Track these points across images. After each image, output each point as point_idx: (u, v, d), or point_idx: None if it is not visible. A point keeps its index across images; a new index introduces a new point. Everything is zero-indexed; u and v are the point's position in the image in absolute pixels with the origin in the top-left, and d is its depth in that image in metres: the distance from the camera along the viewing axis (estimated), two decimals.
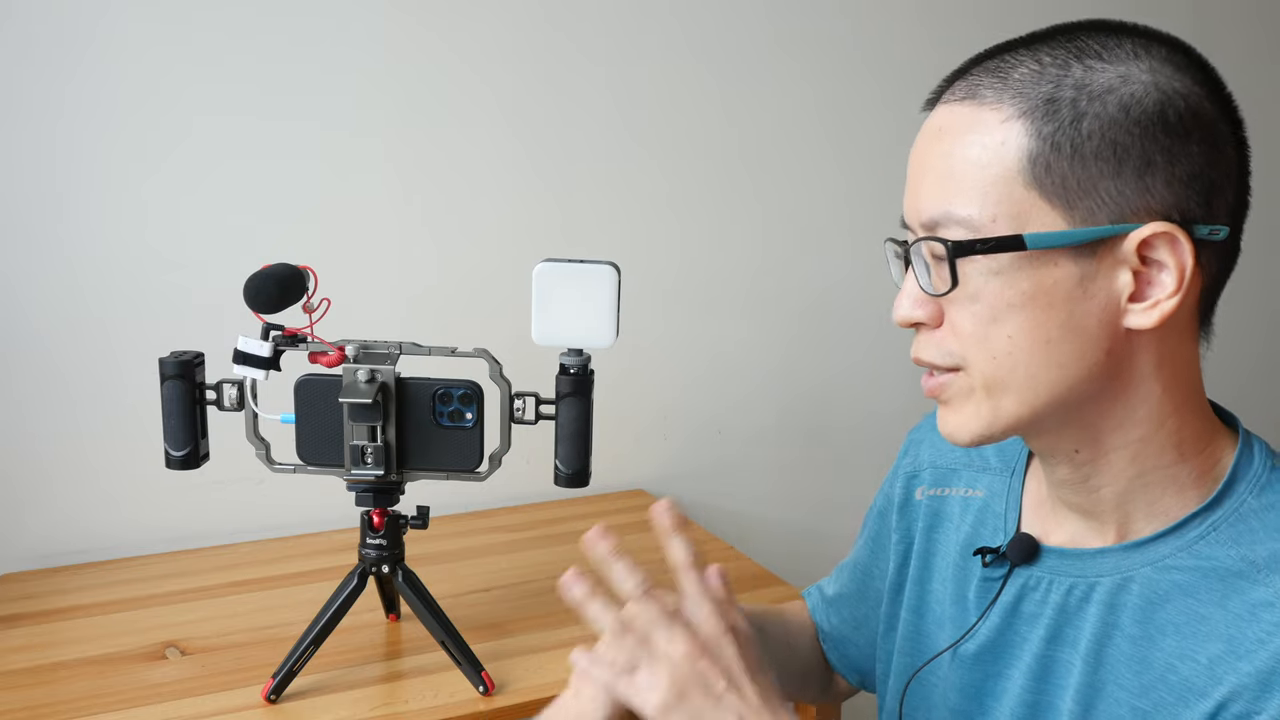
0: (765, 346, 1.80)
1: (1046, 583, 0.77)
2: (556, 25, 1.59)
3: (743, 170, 1.74)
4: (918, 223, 0.71)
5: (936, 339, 0.71)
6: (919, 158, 0.71)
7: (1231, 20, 2.09)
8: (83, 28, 1.36)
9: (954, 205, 0.67)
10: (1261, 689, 0.64)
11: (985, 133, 0.67)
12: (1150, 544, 0.72)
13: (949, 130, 0.69)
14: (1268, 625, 0.65)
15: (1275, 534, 0.68)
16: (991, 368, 0.69)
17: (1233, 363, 2.27)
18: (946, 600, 0.85)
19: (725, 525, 1.75)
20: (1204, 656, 0.67)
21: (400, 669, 1.16)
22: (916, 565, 0.90)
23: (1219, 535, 0.70)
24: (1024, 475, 0.84)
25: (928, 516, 0.90)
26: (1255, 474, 0.72)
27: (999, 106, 0.67)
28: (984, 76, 0.69)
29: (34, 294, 1.40)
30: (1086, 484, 0.74)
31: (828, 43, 1.74)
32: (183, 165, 1.43)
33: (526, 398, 1.08)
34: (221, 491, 1.49)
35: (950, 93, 0.71)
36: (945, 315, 0.71)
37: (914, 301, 0.72)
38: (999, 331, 0.68)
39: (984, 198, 0.67)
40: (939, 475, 0.91)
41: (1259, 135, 0.75)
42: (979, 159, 0.67)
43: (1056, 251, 0.66)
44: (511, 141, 1.60)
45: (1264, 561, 0.67)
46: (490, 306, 1.58)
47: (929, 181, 0.70)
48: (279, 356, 1.05)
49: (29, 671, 1.15)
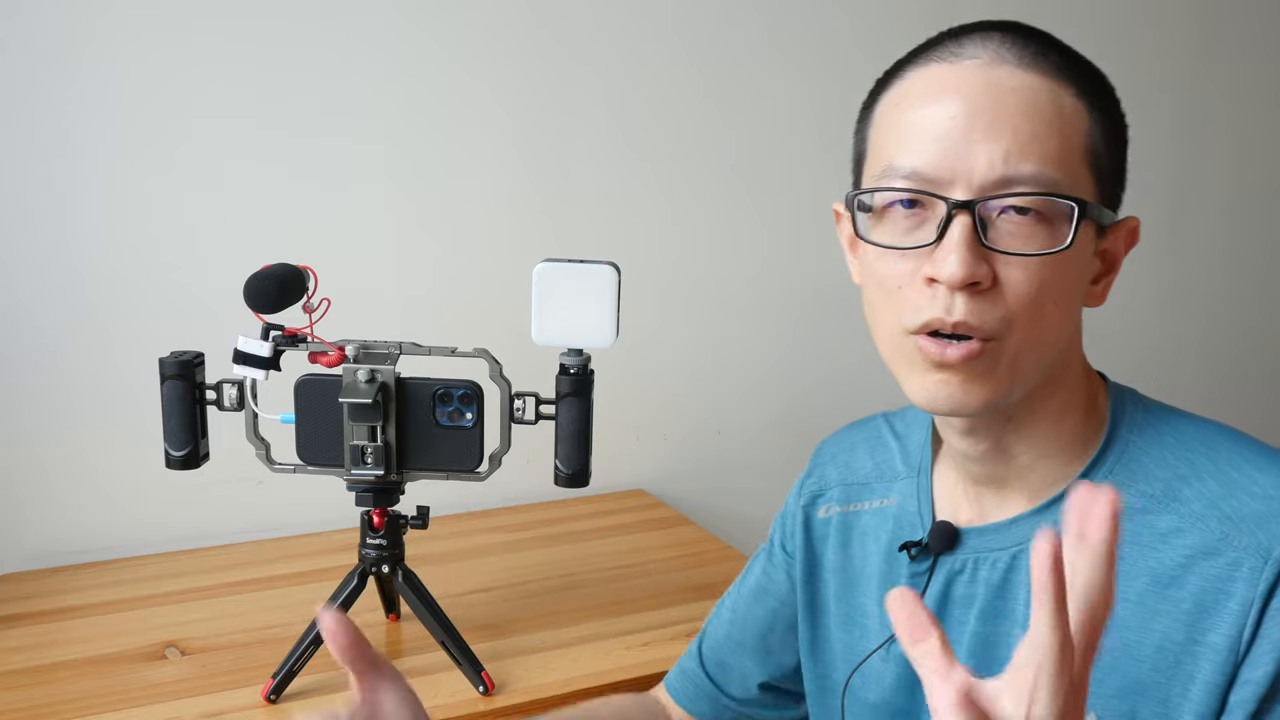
0: (765, 346, 1.80)
1: (972, 563, 0.78)
2: (556, 26, 1.59)
3: (742, 169, 1.74)
4: (990, 176, 0.67)
5: (989, 302, 0.68)
6: (991, 111, 0.68)
7: (1231, 20, 2.09)
8: (85, 30, 1.36)
9: (1046, 166, 0.68)
10: (1199, 613, 0.67)
11: (1058, 103, 0.69)
12: (1059, 501, 0.74)
13: (1021, 92, 0.68)
14: (1182, 550, 0.69)
15: (1164, 466, 0.73)
16: (1033, 334, 0.69)
17: (1230, 352, 2.28)
18: (877, 608, 0.84)
19: (725, 525, 1.75)
20: (1133, 593, 0.70)
21: (400, 669, 1.15)
22: (837, 582, 0.88)
23: (1115, 478, 0.73)
24: (930, 471, 0.84)
25: (840, 532, 0.89)
26: (1131, 416, 0.76)
27: (1062, 82, 0.69)
28: (1029, 47, 0.70)
29: (35, 294, 1.40)
30: (1006, 453, 0.75)
31: (825, 42, 1.74)
32: (184, 166, 1.43)
33: (526, 398, 1.08)
34: (221, 491, 1.48)
35: (998, 55, 0.70)
36: (998, 277, 0.68)
37: (976, 258, 0.67)
38: (1050, 297, 0.69)
39: (1063, 164, 0.68)
40: (849, 492, 0.90)
41: (1259, 135, 0.76)
42: (1061, 128, 0.68)
43: (1093, 227, 0.71)
44: (511, 141, 1.60)
45: (1161, 493, 0.72)
46: (490, 306, 1.58)
47: (1009, 137, 0.67)
48: (279, 356, 1.05)
49: (29, 671, 1.15)
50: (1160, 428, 0.75)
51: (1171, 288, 2.17)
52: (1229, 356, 2.27)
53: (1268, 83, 2.15)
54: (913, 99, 0.71)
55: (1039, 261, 0.68)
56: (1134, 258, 0.79)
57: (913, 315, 0.70)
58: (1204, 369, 2.24)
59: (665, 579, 1.39)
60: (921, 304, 0.69)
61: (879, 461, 0.90)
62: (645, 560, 1.45)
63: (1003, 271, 0.68)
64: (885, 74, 0.76)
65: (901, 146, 0.71)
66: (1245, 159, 2.17)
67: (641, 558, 1.46)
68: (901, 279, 0.71)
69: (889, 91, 0.74)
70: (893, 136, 0.72)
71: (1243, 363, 2.28)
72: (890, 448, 0.90)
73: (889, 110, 0.73)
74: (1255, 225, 2.21)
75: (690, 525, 1.59)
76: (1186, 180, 2.13)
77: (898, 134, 0.71)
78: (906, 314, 0.70)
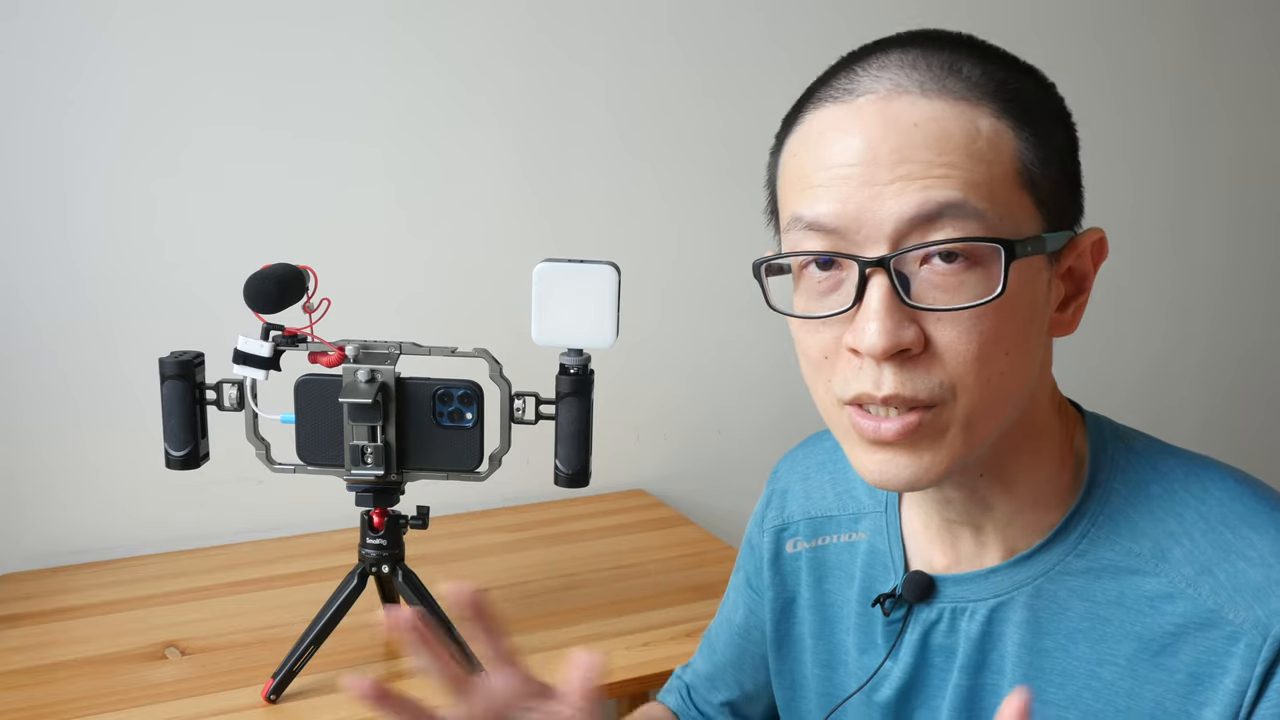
0: (764, 346, 1.80)
1: (949, 613, 0.73)
2: (555, 28, 1.59)
3: (741, 169, 1.73)
4: (901, 226, 0.60)
5: (923, 368, 0.61)
6: (894, 152, 0.60)
7: (1231, 20, 2.09)
8: (88, 33, 1.36)
9: (967, 202, 0.59)
10: (1194, 685, 0.63)
11: (973, 128, 0.61)
12: (1038, 554, 0.70)
13: (925, 124, 0.60)
14: (1173, 617, 0.65)
15: (1152, 521, 0.67)
16: (986, 394, 0.62)
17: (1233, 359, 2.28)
18: (855, 650, 0.80)
19: (725, 525, 1.75)
20: (1121, 657, 0.66)
21: (400, 669, 1.16)
22: (814, 620, 0.84)
23: (1099, 531, 0.68)
24: (899, 509, 0.79)
25: (812, 569, 0.84)
26: (1113, 458, 0.70)
27: (977, 103, 0.61)
28: (932, 69, 0.62)
29: (36, 294, 1.40)
30: (983, 503, 0.70)
31: (824, 42, 1.74)
32: (184, 167, 1.43)
33: (526, 398, 1.08)
34: (221, 491, 1.49)
35: (895, 85, 0.62)
36: (930, 338, 0.61)
37: (899, 322, 0.60)
38: (999, 350, 0.61)
39: (990, 195, 0.60)
40: (814, 526, 0.84)
41: (1259, 134, 0.75)
42: (981, 155, 0.60)
43: (1041, 257, 0.63)
44: (511, 142, 1.60)
45: (1148, 551, 0.66)
46: (490, 307, 1.58)
47: (919, 178, 0.60)
48: (279, 356, 1.05)
49: (29, 671, 1.15)
50: (1145, 474, 0.69)
51: (1173, 288, 2.17)
52: (1231, 355, 2.26)
53: (1268, 83, 2.15)
54: (810, 146, 0.64)
55: (976, 313, 0.60)
56: (1134, 257, 0.78)
57: (841, 388, 0.63)
58: (1205, 368, 2.24)
59: (665, 579, 1.39)
60: (849, 375, 0.63)
61: (840, 492, 0.84)
62: (645, 560, 1.45)
63: (934, 330, 0.60)
64: (786, 116, 0.69)
65: (802, 197, 0.63)
66: (1246, 158, 2.17)
67: (641, 558, 1.46)
68: (826, 348, 0.64)
69: (790, 137, 0.67)
70: (794, 187, 0.65)
71: (1245, 361, 2.28)
72: (850, 476, 0.84)
73: (789, 159, 0.66)
74: (1256, 225, 2.21)
75: (690, 525, 1.59)
76: (1187, 180, 2.13)
77: (798, 184, 0.64)
78: (836, 385, 0.64)
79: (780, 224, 0.68)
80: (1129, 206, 2.06)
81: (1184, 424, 2.20)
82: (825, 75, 0.67)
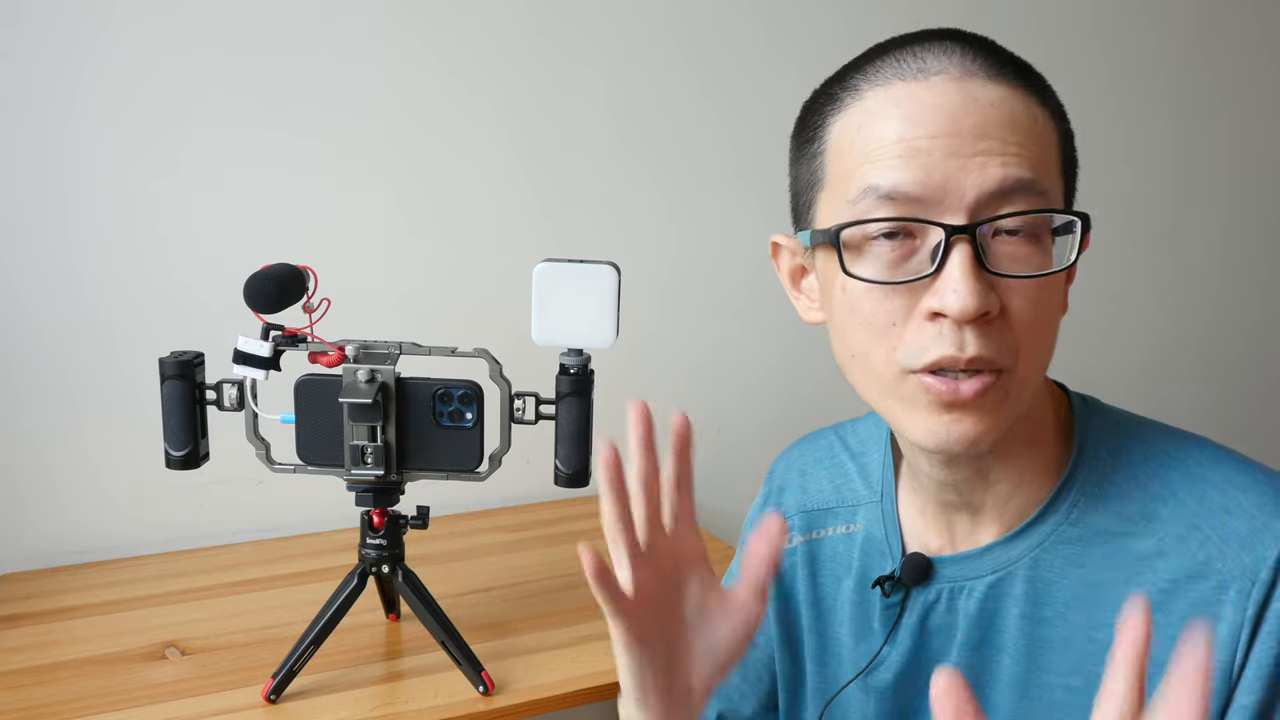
0: (764, 346, 1.80)
1: (948, 593, 0.75)
2: (554, 29, 1.59)
3: (741, 169, 1.74)
4: (983, 197, 0.63)
5: (996, 332, 0.64)
6: (975, 127, 0.64)
7: (1231, 18, 2.09)
8: (88, 34, 1.36)
9: (1036, 181, 0.64)
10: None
11: (1032, 113, 0.66)
12: (1033, 527, 0.72)
13: (998, 105, 0.64)
14: (1165, 574, 0.67)
15: (1138, 485, 0.70)
16: (1035, 360, 0.66)
17: (1232, 350, 2.28)
18: (851, 639, 0.82)
19: (725, 525, 1.75)
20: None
21: (400, 669, 1.16)
22: (810, 615, 0.85)
23: (1088, 500, 0.71)
24: (894, 496, 0.81)
25: (806, 563, 0.85)
26: (1097, 431, 0.73)
27: (1028, 91, 0.66)
28: (989, 57, 0.66)
29: (36, 294, 1.40)
30: (985, 480, 0.73)
31: (822, 42, 1.74)
32: (184, 168, 1.43)
33: (526, 398, 1.08)
34: (221, 491, 1.49)
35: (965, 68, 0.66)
36: (1005, 304, 0.64)
37: (985, 288, 0.63)
38: (1055, 319, 0.66)
39: (1050, 177, 0.66)
40: (810, 519, 0.86)
41: (1260, 134, 0.75)
42: (1040, 138, 0.66)
43: None
44: (511, 141, 1.60)
45: (1136, 514, 0.69)
46: (490, 306, 1.58)
47: (998, 154, 0.64)
48: (279, 356, 1.05)
49: (29, 671, 1.15)
50: (1129, 443, 0.72)
51: (1172, 287, 2.17)
52: (1230, 353, 2.27)
53: (1266, 79, 2.15)
54: (882, 119, 0.66)
55: (1040, 283, 0.65)
56: (1135, 258, 0.79)
57: (915, 354, 0.65)
58: (1205, 367, 2.24)
59: None
60: (925, 342, 0.64)
61: (838, 485, 0.86)
62: None
63: (1004, 298, 0.64)
64: (824, 96, 0.71)
65: (878, 166, 0.65)
66: (1244, 155, 2.17)
67: None
68: (894, 315, 0.66)
69: (844, 113, 0.69)
70: (862, 159, 0.66)
71: (1244, 359, 2.28)
72: (848, 469, 0.86)
73: (850, 133, 0.68)
74: (1256, 225, 2.21)
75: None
76: (1186, 180, 2.13)
77: (869, 155, 0.66)
78: (905, 353, 0.66)
79: (832, 197, 0.69)
80: (1127, 204, 2.07)
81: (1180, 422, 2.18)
82: (873, 59, 0.69)
